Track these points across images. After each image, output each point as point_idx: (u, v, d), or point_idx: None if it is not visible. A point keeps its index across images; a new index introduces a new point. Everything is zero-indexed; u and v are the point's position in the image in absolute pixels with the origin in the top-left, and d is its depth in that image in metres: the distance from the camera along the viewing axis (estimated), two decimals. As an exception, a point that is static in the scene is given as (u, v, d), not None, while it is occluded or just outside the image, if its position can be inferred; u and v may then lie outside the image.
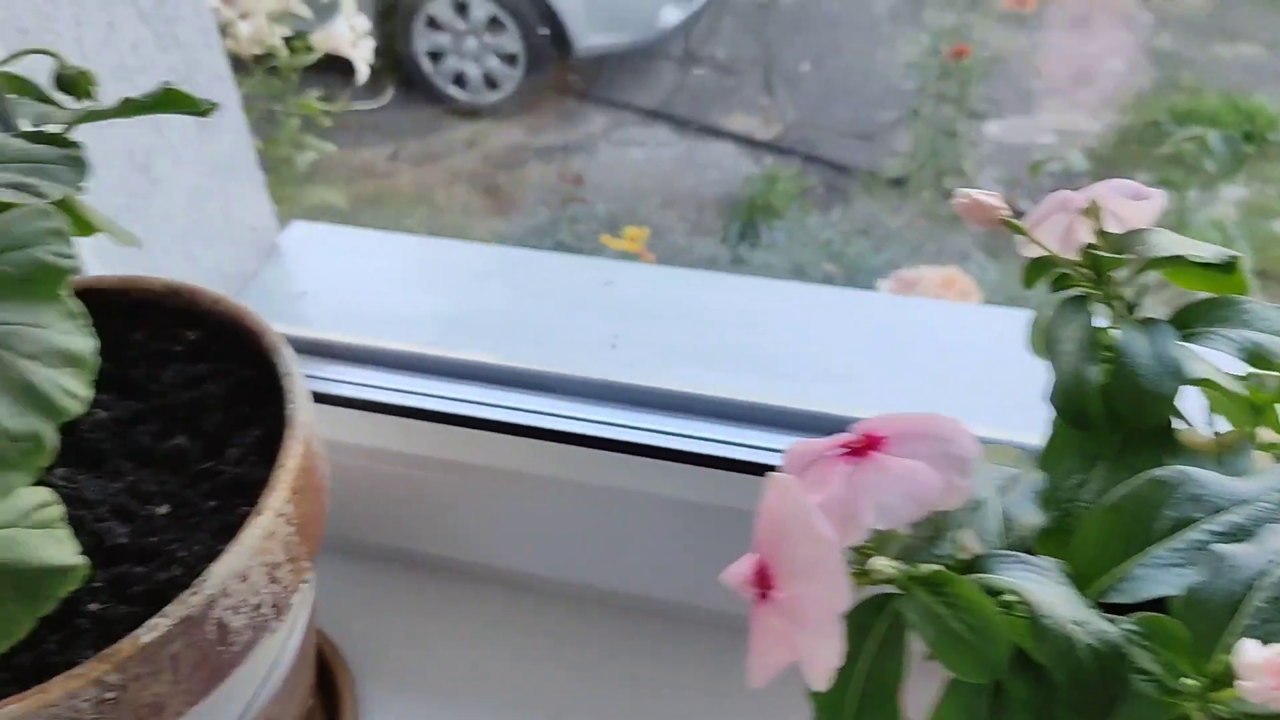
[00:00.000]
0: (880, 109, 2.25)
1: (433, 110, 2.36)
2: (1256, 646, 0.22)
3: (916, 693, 0.27)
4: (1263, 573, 0.25)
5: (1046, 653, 0.24)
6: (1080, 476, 0.31)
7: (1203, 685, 0.24)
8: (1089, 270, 0.33)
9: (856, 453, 0.25)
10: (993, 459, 0.32)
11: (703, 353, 0.66)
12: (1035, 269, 0.34)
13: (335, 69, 1.54)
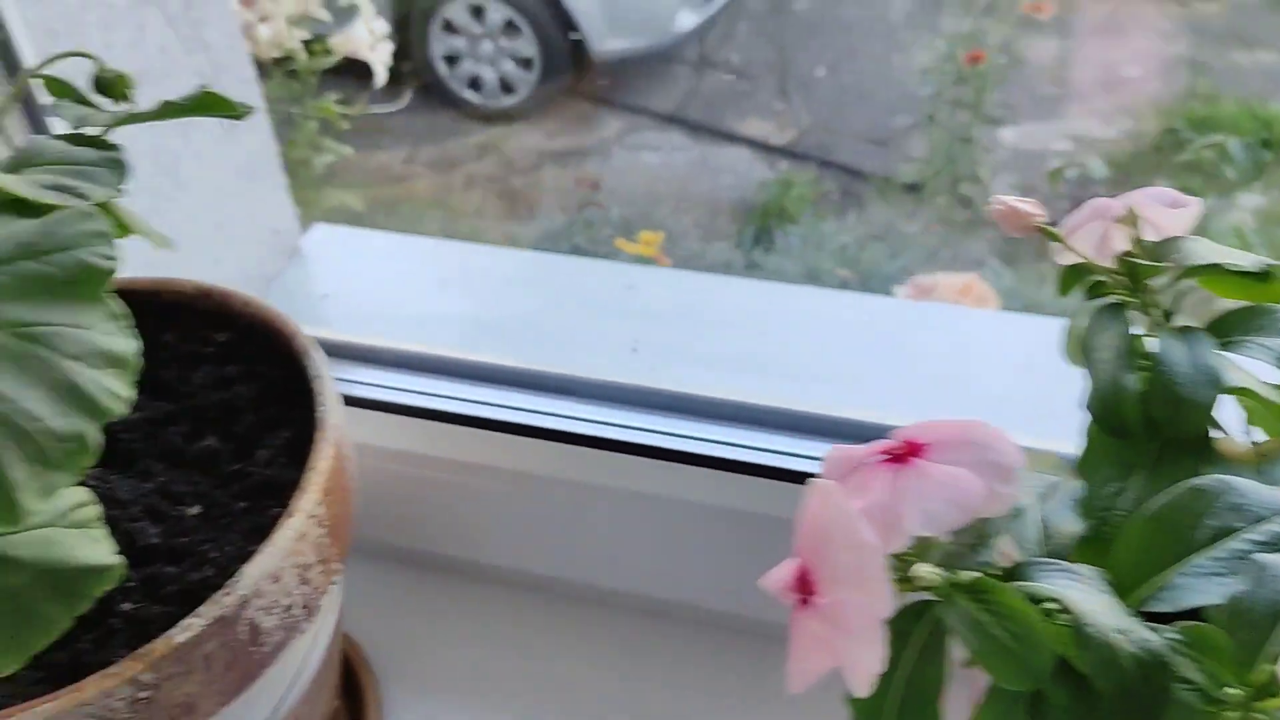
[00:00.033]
0: (895, 114, 2.25)
1: (447, 114, 2.37)
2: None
3: (950, 700, 0.27)
4: (1305, 583, 0.25)
5: (1089, 661, 0.24)
6: (1117, 485, 0.30)
7: (1246, 695, 0.24)
8: (1125, 278, 0.33)
9: (898, 459, 0.25)
10: (1033, 466, 0.32)
11: (724, 357, 0.66)
12: (1071, 276, 0.34)
13: (352, 72, 1.55)
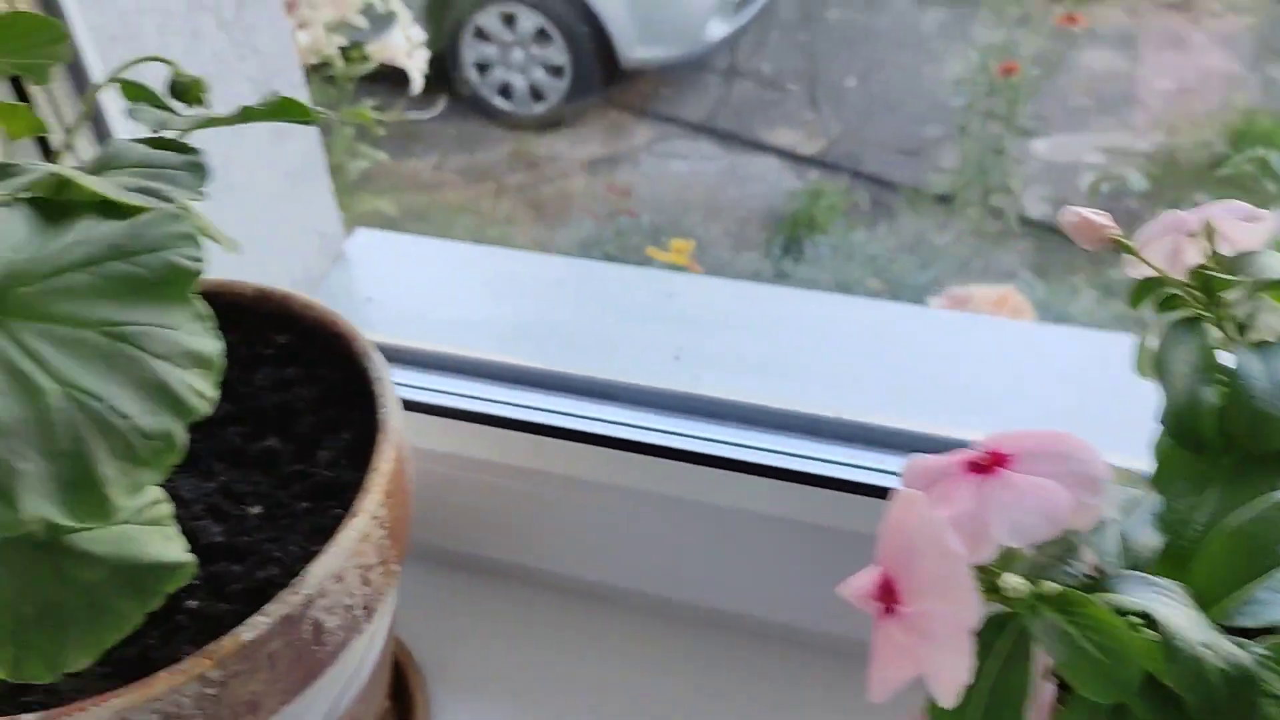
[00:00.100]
0: (926, 125, 2.24)
1: (478, 121, 2.38)
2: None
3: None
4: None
5: (1177, 675, 0.24)
6: (1192, 499, 0.30)
7: (1334, 712, 0.24)
8: (1199, 291, 0.33)
9: (983, 469, 0.25)
10: (1113, 480, 0.31)
11: (766, 364, 0.66)
12: (1142, 289, 0.34)
13: (387, 79, 1.56)
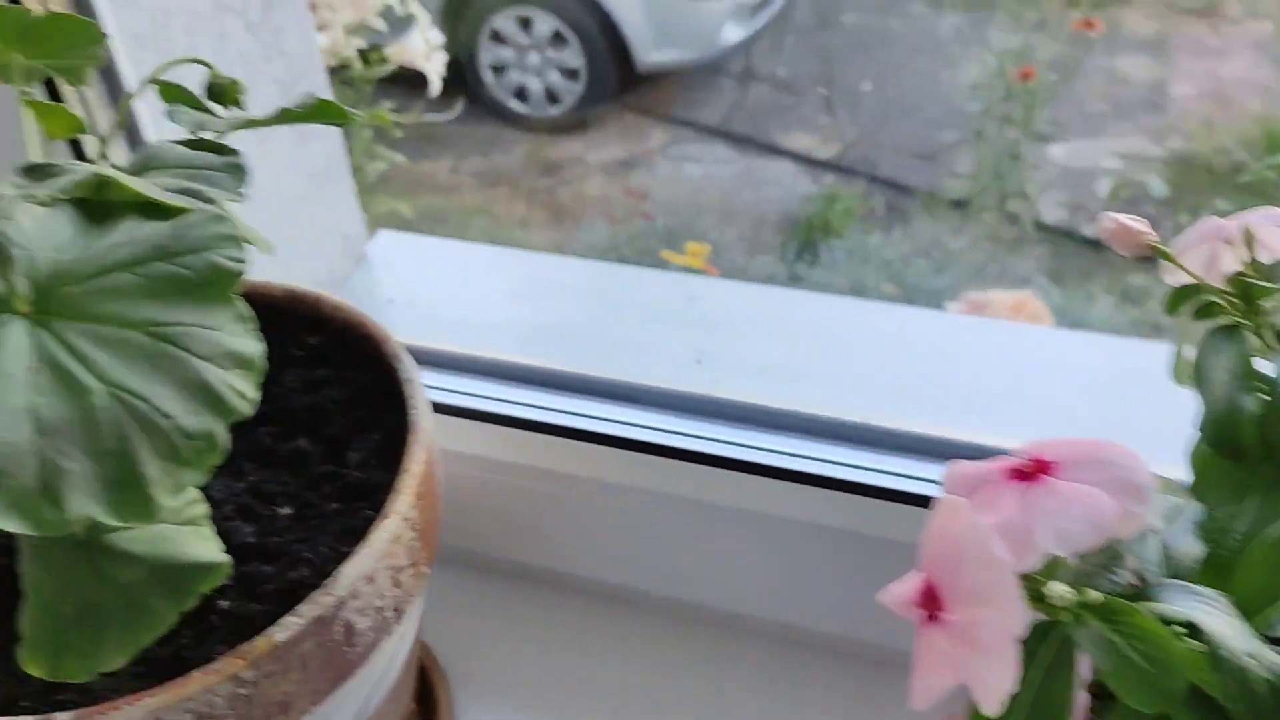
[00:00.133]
0: (942, 129, 2.24)
1: (494, 123, 2.39)
2: None
3: None
4: None
5: (1222, 685, 0.24)
6: (1232, 508, 0.30)
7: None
8: (1238, 299, 0.32)
9: (1026, 476, 0.25)
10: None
11: (788, 369, 0.65)
12: (1179, 296, 0.34)
13: (405, 81, 1.57)
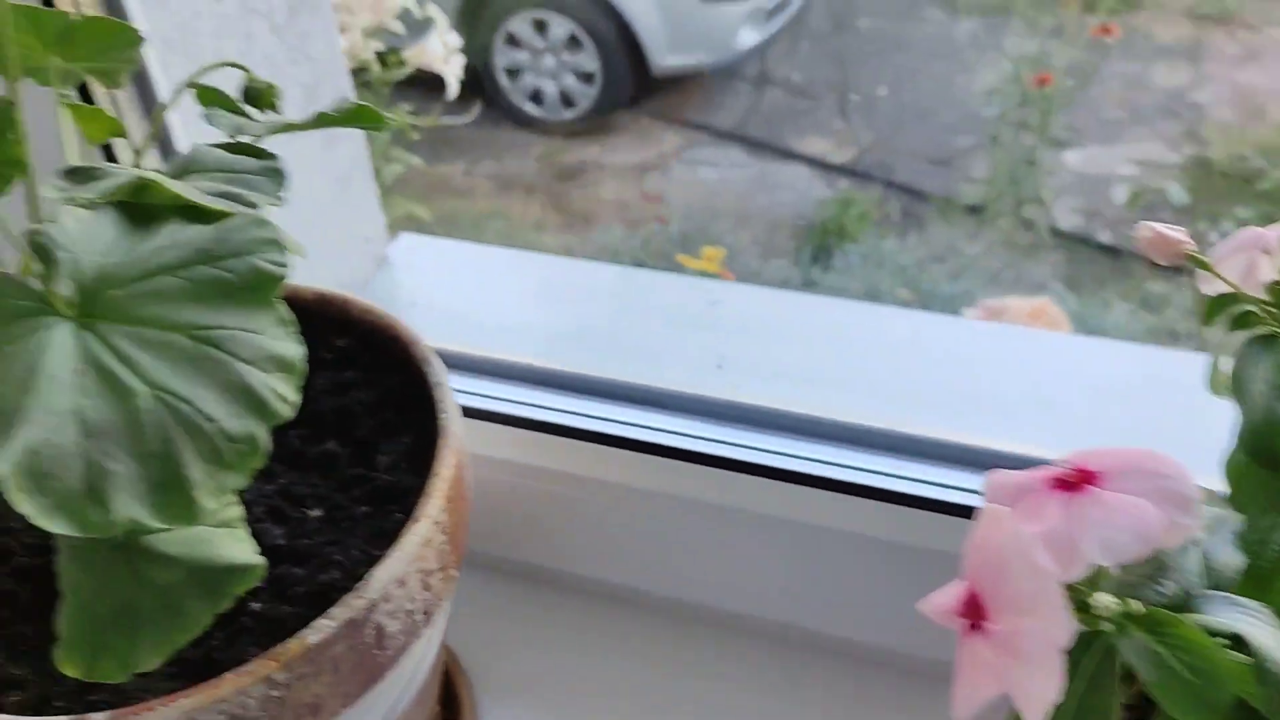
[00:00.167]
0: (957, 135, 2.23)
1: (509, 127, 2.40)
2: None
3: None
4: None
5: (1268, 698, 0.24)
6: (1272, 518, 0.30)
7: None
8: (1276, 308, 0.32)
9: (1070, 486, 0.25)
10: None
11: (809, 375, 0.65)
12: (1216, 305, 0.33)
13: (422, 84, 1.57)
